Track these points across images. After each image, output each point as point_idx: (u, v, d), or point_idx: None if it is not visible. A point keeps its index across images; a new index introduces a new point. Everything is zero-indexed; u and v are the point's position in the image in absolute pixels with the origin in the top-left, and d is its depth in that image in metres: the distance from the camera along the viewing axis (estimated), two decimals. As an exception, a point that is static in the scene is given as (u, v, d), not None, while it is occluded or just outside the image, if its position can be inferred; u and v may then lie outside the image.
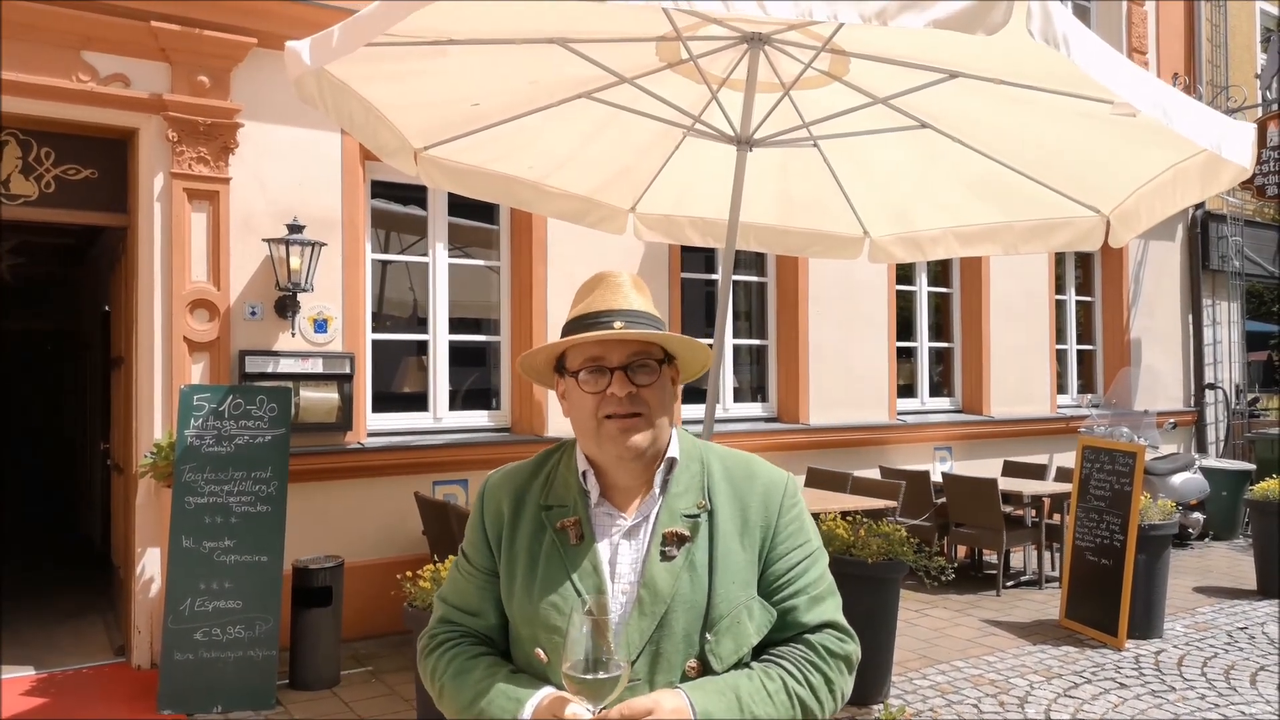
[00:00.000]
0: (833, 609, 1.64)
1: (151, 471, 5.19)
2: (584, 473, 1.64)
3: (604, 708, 1.40)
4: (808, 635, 1.60)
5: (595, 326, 1.59)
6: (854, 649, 1.64)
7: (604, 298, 1.63)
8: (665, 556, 1.56)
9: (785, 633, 1.60)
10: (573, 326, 1.63)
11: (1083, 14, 10.22)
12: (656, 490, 1.62)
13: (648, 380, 1.59)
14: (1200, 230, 11.07)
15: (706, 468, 1.66)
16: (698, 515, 1.60)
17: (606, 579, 1.57)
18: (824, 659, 1.59)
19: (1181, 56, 11.00)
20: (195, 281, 5.57)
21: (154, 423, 5.45)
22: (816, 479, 7.28)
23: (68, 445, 10.97)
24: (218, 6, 5.51)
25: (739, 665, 1.55)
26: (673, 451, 1.65)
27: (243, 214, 5.71)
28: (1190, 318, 11.13)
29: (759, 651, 1.59)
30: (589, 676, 1.38)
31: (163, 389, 5.47)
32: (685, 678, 1.52)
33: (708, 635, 1.53)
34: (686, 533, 1.58)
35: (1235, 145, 3.22)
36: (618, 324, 1.58)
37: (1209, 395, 11.21)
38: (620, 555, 1.59)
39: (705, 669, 1.53)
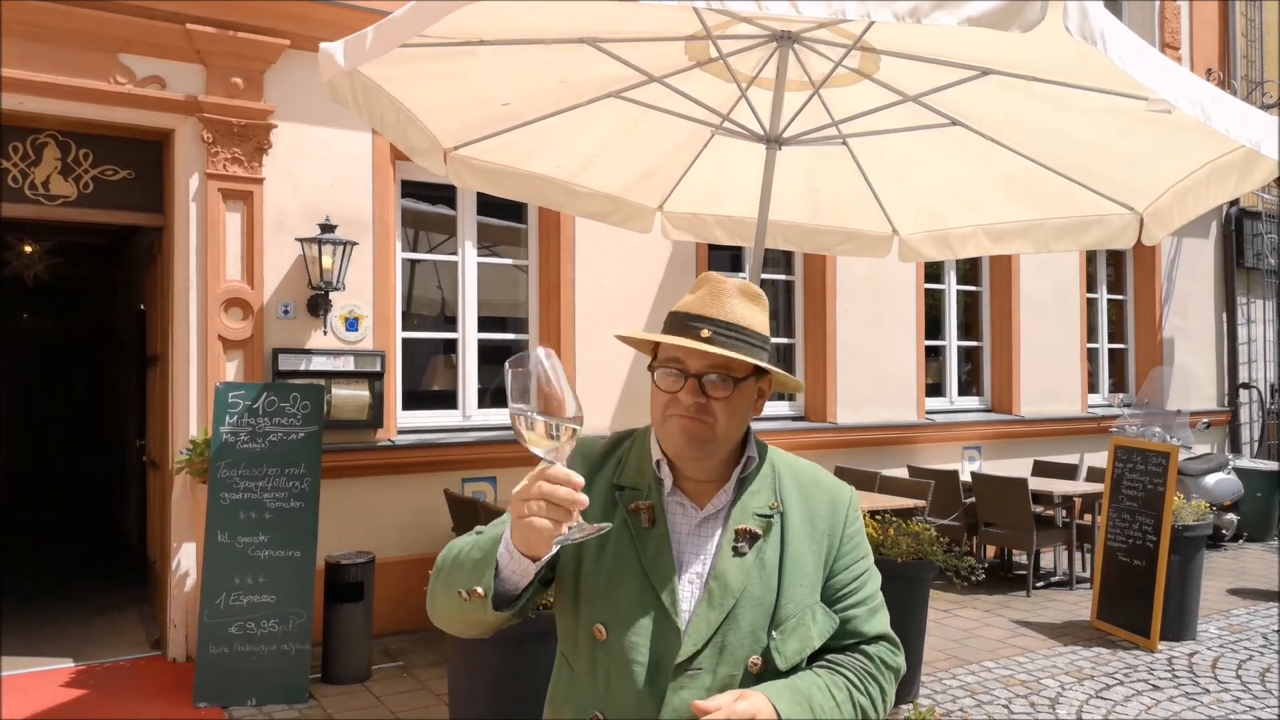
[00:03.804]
0: (886, 621, 1.68)
1: (187, 468, 5.27)
2: (658, 461, 1.65)
3: (555, 454, 1.38)
4: (865, 646, 1.63)
5: (686, 329, 1.58)
6: (903, 661, 1.68)
7: (703, 302, 1.62)
8: (737, 552, 1.58)
9: (842, 640, 1.63)
10: (670, 321, 1.63)
11: (1114, 9, 10.10)
12: (731, 486, 1.64)
13: (720, 394, 1.57)
14: (1235, 228, 10.90)
15: (776, 470, 1.68)
16: (771, 515, 1.61)
17: (676, 566, 1.58)
18: (880, 670, 1.63)
19: (1215, 52, 10.83)
20: (229, 280, 5.65)
21: (189, 420, 5.53)
22: (844, 478, 7.19)
23: (104, 442, 11.14)
24: (251, 9, 5.58)
25: (798, 667, 1.57)
26: (750, 450, 1.66)
27: (276, 214, 5.79)
28: (1224, 316, 10.97)
29: (813, 657, 1.61)
30: (543, 418, 1.38)
31: (198, 386, 5.55)
32: (747, 673, 1.54)
33: (774, 633, 1.55)
34: (759, 530, 1.59)
35: (1273, 141, 3.18)
36: (705, 332, 1.57)
37: (1243, 395, 11.04)
38: (690, 547, 1.61)
39: (767, 665, 1.54)
